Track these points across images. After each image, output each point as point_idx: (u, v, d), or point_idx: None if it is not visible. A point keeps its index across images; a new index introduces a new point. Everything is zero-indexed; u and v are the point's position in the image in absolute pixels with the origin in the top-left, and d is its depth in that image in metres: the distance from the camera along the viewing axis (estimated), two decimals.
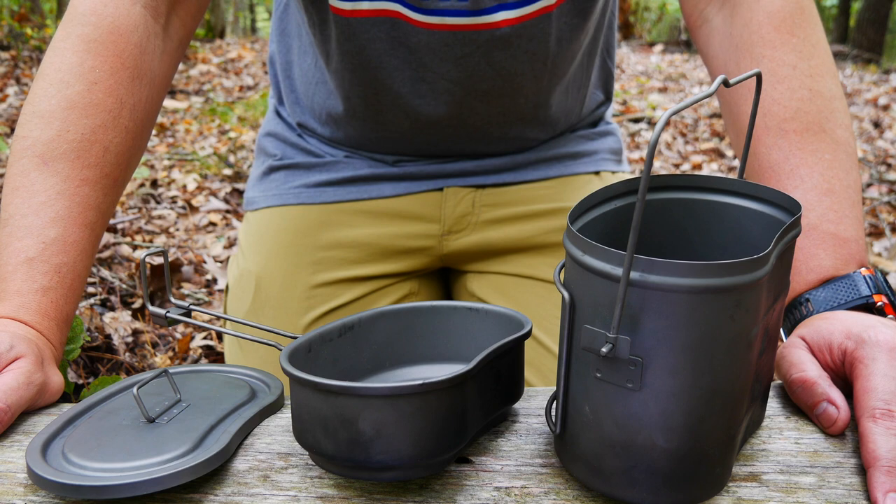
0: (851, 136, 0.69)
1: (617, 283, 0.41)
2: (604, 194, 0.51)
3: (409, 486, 0.49)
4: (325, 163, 0.98)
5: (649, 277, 0.40)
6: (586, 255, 0.43)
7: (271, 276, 0.96)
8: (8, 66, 5.28)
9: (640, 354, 0.42)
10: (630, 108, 4.70)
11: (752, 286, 0.41)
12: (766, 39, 0.71)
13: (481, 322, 0.59)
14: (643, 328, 0.41)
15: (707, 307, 0.41)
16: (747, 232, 0.52)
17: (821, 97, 0.69)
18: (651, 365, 0.42)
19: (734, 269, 0.40)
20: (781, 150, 0.68)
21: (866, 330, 0.54)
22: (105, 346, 1.44)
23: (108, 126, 0.69)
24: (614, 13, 0.98)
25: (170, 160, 3.40)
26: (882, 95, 5.20)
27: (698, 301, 0.40)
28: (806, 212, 0.65)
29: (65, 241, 0.65)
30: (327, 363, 0.55)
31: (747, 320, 0.42)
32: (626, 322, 0.41)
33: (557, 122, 0.97)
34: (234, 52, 7.20)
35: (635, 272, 0.40)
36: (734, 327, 0.42)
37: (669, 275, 0.40)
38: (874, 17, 9.33)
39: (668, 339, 0.41)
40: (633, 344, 0.41)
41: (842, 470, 0.50)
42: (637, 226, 0.38)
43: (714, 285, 0.40)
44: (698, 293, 0.40)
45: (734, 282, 0.40)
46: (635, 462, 0.44)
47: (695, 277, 0.40)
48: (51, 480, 0.47)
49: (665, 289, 0.40)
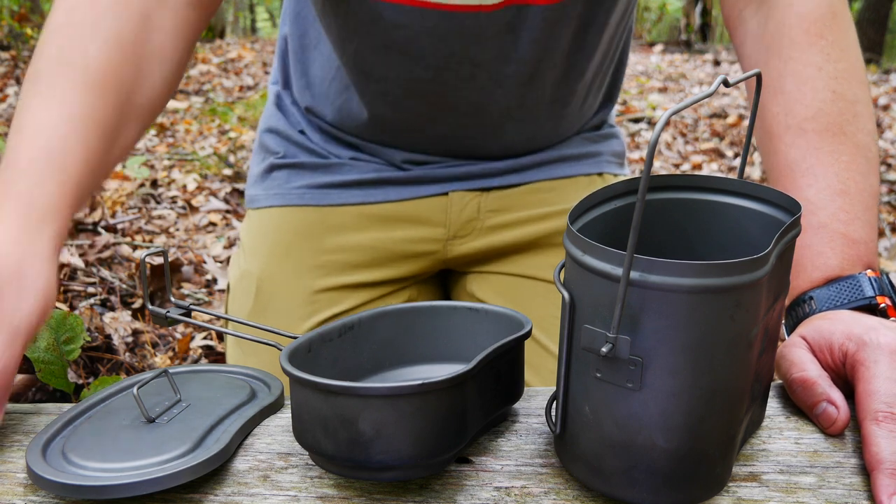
0: (873, 143, 0.69)
1: (617, 283, 0.41)
2: (604, 194, 0.51)
3: (409, 486, 0.49)
4: (330, 164, 0.98)
5: (649, 277, 0.40)
6: (586, 254, 0.43)
7: (273, 280, 0.95)
8: (8, 66, 5.28)
9: (640, 354, 0.42)
10: (630, 108, 4.70)
11: (752, 286, 0.41)
12: (795, 42, 0.72)
13: (481, 322, 0.59)
14: (643, 328, 0.41)
15: (707, 307, 0.41)
16: (747, 232, 0.52)
17: (843, 100, 0.69)
18: (651, 365, 0.42)
19: (734, 269, 0.40)
20: (799, 149, 0.68)
21: (868, 332, 0.54)
22: (105, 346, 1.44)
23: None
24: (633, 16, 0.98)
25: (170, 160, 3.40)
26: (882, 95, 5.20)
27: (698, 301, 0.40)
28: (817, 210, 0.65)
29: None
30: (327, 363, 0.55)
31: (747, 320, 0.42)
32: (626, 322, 0.41)
33: (572, 123, 0.97)
34: (234, 52, 7.20)
35: (635, 272, 0.40)
36: (734, 327, 0.42)
37: (669, 275, 0.40)
38: (874, 17, 9.32)
39: (668, 339, 0.41)
40: (633, 344, 0.41)
41: (842, 470, 0.50)
42: (637, 225, 0.38)
43: (714, 285, 0.40)
44: (698, 293, 0.40)
45: (734, 282, 0.40)
46: (635, 462, 0.44)
47: (695, 277, 0.40)
48: (51, 480, 0.47)
49: (665, 289, 0.40)
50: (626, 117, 4.37)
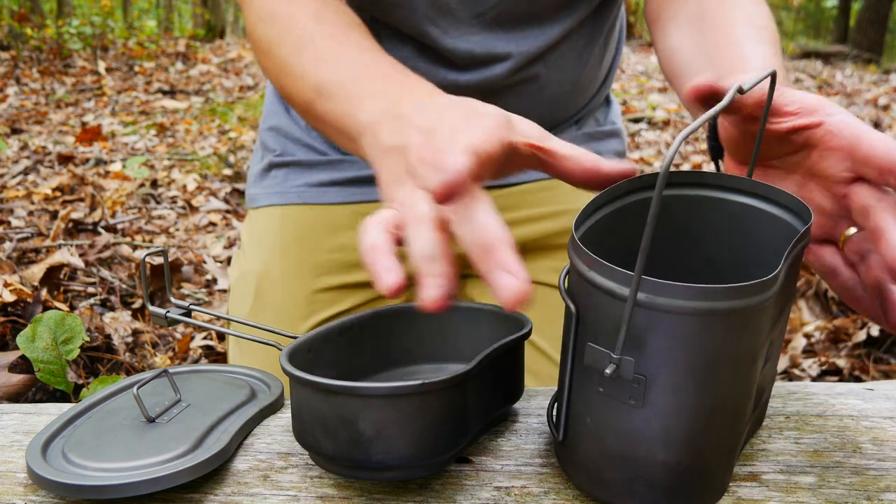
0: None
1: (622, 302, 0.40)
2: (609, 195, 0.50)
3: (409, 486, 0.49)
4: (328, 161, 0.97)
5: (656, 299, 0.40)
6: (592, 270, 0.42)
7: (272, 279, 0.95)
8: (8, 66, 5.28)
9: (643, 373, 0.41)
10: (630, 108, 4.70)
11: (760, 308, 0.41)
12: None
13: (481, 322, 0.59)
14: (648, 349, 0.41)
15: (714, 329, 0.40)
16: (754, 233, 0.51)
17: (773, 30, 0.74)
18: (654, 384, 0.41)
19: (743, 292, 0.40)
20: (745, 35, 0.72)
21: None
22: (105, 346, 1.44)
23: None
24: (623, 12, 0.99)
25: (170, 160, 3.40)
26: (882, 95, 5.20)
27: (705, 323, 0.40)
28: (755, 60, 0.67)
29: None
30: (327, 363, 0.55)
31: (754, 341, 0.42)
32: (630, 341, 0.41)
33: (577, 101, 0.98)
34: (234, 52, 7.19)
35: (642, 293, 0.40)
36: (740, 348, 0.41)
37: (677, 297, 0.39)
38: (874, 17, 9.33)
39: (673, 360, 0.41)
40: (637, 364, 0.41)
41: (842, 470, 0.50)
42: (646, 248, 0.38)
43: (722, 308, 0.39)
44: (705, 315, 0.40)
45: (742, 304, 0.40)
46: (636, 475, 0.44)
47: (703, 301, 0.39)
48: (51, 480, 0.47)
49: (672, 311, 0.39)
50: (627, 117, 4.37)
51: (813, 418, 0.56)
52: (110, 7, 10.06)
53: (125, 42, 7.66)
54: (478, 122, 0.50)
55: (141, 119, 4.54)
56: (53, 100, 5.13)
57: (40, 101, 5.10)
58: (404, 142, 0.53)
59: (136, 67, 6.48)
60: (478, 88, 0.85)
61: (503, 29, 0.87)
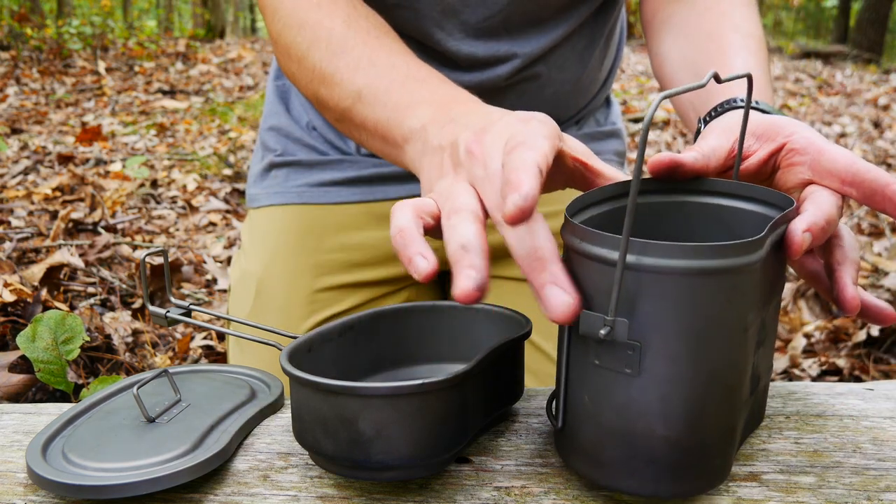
0: None
1: (613, 268, 0.41)
2: (598, 195, 0.51)
3: (409, 486, 0.49)
4: (329, 161, 0.97)
5: (644, 260, 0.41)
6: (584, 242, 0.43)
7: (272, 279, 0.95)
8: (8, 66, 5.28)
9: (637, 339, 0.42)
10: (630, 108, 4.70)
11: (748, 269, 0.42)
12: None
13: (481, 322, 0.59)
14: (640, 311, 0.41)
15: (702, 289, 0.41)
16: (742, 234, 0.52)
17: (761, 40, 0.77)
18: (649, 349, 0.42)
19: (729, 251, 0.41)
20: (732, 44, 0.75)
21: None
22: (105, 346, 1.44)
23: None
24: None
25: (170, 160, 3.40)
26: (882, 95, 5.21)
27: (693, 283, 0.41)
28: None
29: None
30: (327, 363, 0.55)
31: (744, 305, 0.43)
32: (623, 306, 0.42)
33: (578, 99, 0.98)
34: (234, 52, 7.20)
35: (630, 255, 0.41)
36: (731, 311, 0.42)
37: (663, 257, 0.40)
38: (874, 17, 9.34)
39: (665, 323, 0.41)
40: (630, 327, 0.42)
41: (842, 470, 0.50)
42: (633, 207, 0.39)
43: (709, 267, 0.40)
44: (693, 275, 0.40)
45: (729, 264, 0.41)
46: (635, 451, 0.44)
47: (689, 259, 0.40)
48: (51, 480, 0.47)
49: (660, 271, 0.40)
50: (627, 117, 4.38)
51: (813, 418, 0.56)
52: (110, 7, 10.06)
53: (125, 42, 7.66)
54: (538, 128, 0.50)
55: (141, 119, 4.55)
56: (53, 100, 5.13)
57: (40, 101, 5.10)
58: (454, 139, 0.53)
59: (136, 67, 6.49)
60: (479, 88, 0.85)
61: (508, 32, 0.87)
